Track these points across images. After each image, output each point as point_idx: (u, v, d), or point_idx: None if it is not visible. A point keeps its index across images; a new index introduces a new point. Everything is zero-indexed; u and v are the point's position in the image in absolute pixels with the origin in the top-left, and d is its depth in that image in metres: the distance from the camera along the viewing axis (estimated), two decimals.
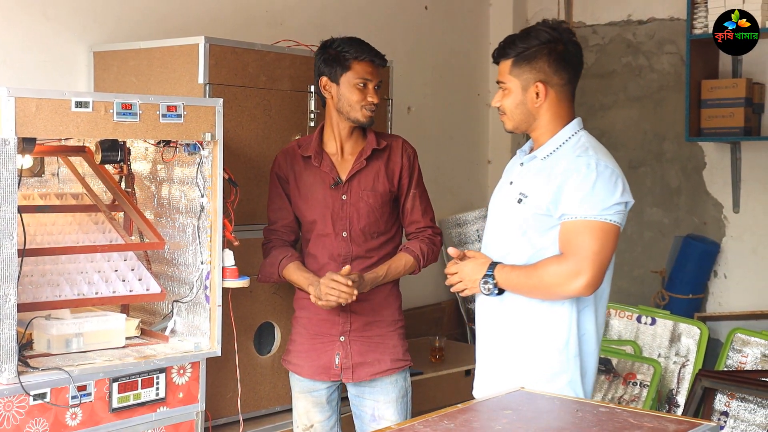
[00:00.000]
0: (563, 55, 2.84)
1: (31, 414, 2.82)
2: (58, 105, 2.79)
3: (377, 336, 3.44)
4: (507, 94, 2.88)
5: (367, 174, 3.40)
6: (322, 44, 3.43)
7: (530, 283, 2.78)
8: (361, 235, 3.39)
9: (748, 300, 5.30)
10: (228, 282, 3.23)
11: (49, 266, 3.16)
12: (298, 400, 3.51)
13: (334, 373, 3.42)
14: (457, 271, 2.92)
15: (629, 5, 5.66)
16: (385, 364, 3.43)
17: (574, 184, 2.74)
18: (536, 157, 2.88)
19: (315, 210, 3.40)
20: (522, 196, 2.83)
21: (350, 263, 3.35)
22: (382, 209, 3.42)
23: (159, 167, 3.40)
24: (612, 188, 2.74)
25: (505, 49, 2.89)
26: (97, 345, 3.09)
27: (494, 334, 2.93)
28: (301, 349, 3.47)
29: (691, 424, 2.41)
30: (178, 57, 3.56)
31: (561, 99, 2.87)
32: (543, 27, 2.86)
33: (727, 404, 4.79)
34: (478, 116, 6.01)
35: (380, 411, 3.44)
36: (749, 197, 5.30)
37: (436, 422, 2.39)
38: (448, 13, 5.73)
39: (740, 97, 4.98)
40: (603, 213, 2.72)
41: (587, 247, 2.71)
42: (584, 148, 2.81)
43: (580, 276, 2.70)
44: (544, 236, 2.80)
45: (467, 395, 4.57)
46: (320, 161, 3.38)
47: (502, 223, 2.92)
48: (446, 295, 5.70)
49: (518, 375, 2.85)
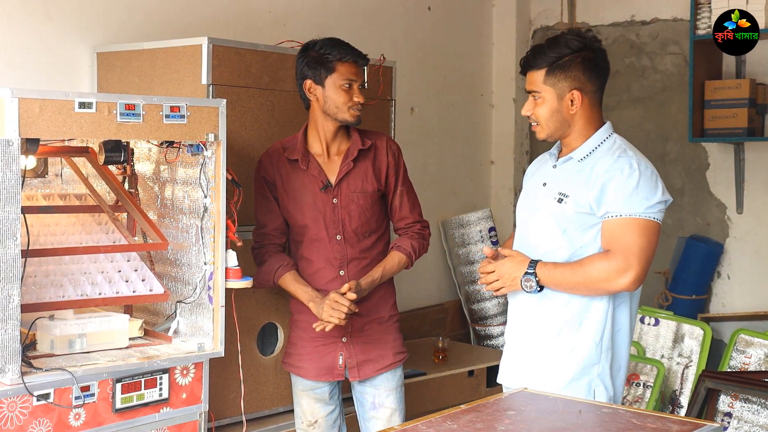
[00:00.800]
0: (595, 62, 2.93)
1: (35, 414, 2.82)
2: (61, 106, 2.79)
3: (377, 333, 3.51)
4: (540, 102, 2.94)
5: (355, 175, 3.43)
6: (303, 47, 3.44)
7: (575, 280, 2.84)
8: (354, 237, 3.44)
9: (751, 301, 5.29)
10: (231, 282, 3.23)
11: (53, 267, 3.16)
12: (301, 398, 3.54)
13: (338, 372, 3.48)
14: (494, 269, 2.97)
15: (632, 6, 5.66)
16: (388, 359, 3.52)
17: (617, 184, 2.83)
18: (572, 159, 2.95)
19: (306, 214, 3.42)
20: (562, 196, 2.90)
21: (346, 266, 3.42)
22: (372, 209, 3.47)
23: (162, 168, 3.40)
24: (654, 187, 2.85)
25: (536, 59, 2.93)
26: (100, 345, 3.09)
27: (530, 328, 3.00)
28: (303, 352, 3.50)
29: (694, 425, 2.41)
30: (181, 58, 3.56)
31: (593, 104, 2.96)
32: (571, 35, 2.93)
33: (731, 405, 4.79)
34: (481, 117, 6.01)
35: (380, 399, 3.53)
36: (753, 198, 5.29)
37: (439, 423, 2.39)
38: (452, 15, 5.73)
39: (744, 98, 4.98)
40: (647, 211, 2.81)
41: (634, 244, 2.80)
42: (622, 149, 2.92)
43: (628, 272, 2.79)
44: (585, 234, 2.89)
45: (470, 396, 4.59)
46: (307, 164, 3.41)
47: (540, 222, 2.97)
48: (449, 296, 5.70)
49: (552, 367, 2.94)
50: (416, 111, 5.47)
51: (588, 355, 2.91)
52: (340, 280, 3.42)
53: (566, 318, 2.92)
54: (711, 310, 5.41)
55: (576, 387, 2.90)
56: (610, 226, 2.84)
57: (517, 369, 3.04)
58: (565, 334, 2.93)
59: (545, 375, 2.94)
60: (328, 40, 3.38)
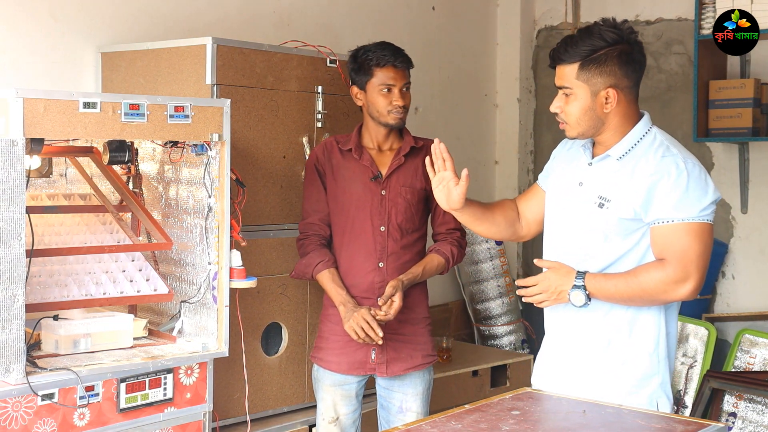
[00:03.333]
0: (632, 56, 2.71)
1: (39, 414, 2.82)
2: (66, 106, 2.79)
3: (409, 333, 3.53)
4: (572, 99, 2.72)
5: (405, 170, 3.50)
6: (351, 53, 3.52)
7: (630, 292, 2.67)
8: (398, 231, 3.48)
9: (756, 301, 5.29)
10: (235, 282, 3.24)
11: (57, 267, 3.16)
12: (327, 393, 3.54)
13: (370, 367, 3.49)
14: (536, 282, 2.78)
15: (637, 6, 5.65)
16: (417, 359, 3.52)
17: (666, 188, 2.64)
18: (610, 157, 2.75)
19: (354, 203, 3.47)
20: (603, 200, 2.72)
21: (386, 259, 3.45)
22: (418, 206, 3.51)
23: (166, 168, 3.40)
24: (704, 187, 2.67)
25: (568, 52, 2.70)
26: (104, 345, 3.10)
27: (577, 339, 2.83)
28: (335, 346, 3.50)
29: (699, 425, 2.40)
30: (185, 58, 3.56)
31: (630, 101, 2.76)
32: (606, 27, 2.71)
33: (735, 405, 4.78)
34: (486, 117, 6.01)
35: (408, 403, 3.53)
36: (757, 198, 5.28)
37: (444, 423, 2.39)
38: (456, 14, 5.73)
39: (748, 98, 4.97)
40: (701, 214, 2.66)
41: (692, 250, 2.64)
42: (665, 147, 2.72)
43: (687, 281, 2.64)
44: (627, 240, 2.71)
45: (475, 396, 4.58)
46: (360, 154, 3.47)
47: (579, 229, 2.79)
48: (453, 296, 5.70)
49: (608, 380, 2.77)
50: (420, 111, 5.47)
51: (645, 365, 2.74)
52: (378, 272, 3.45)
53: (614, 326, 2.75)
54: (715, 310, 5.41)
55: (635, 400, 2.72)
56: (662, 233, 2.65)
57: (567, 382, 2.83)
58: (615, 344, 2.75)
59: (599, 389, 2.75)
60: (372, 45, 3.46)
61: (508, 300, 5.57)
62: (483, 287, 5.55)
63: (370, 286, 3.46)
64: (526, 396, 2.69)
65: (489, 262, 5.55)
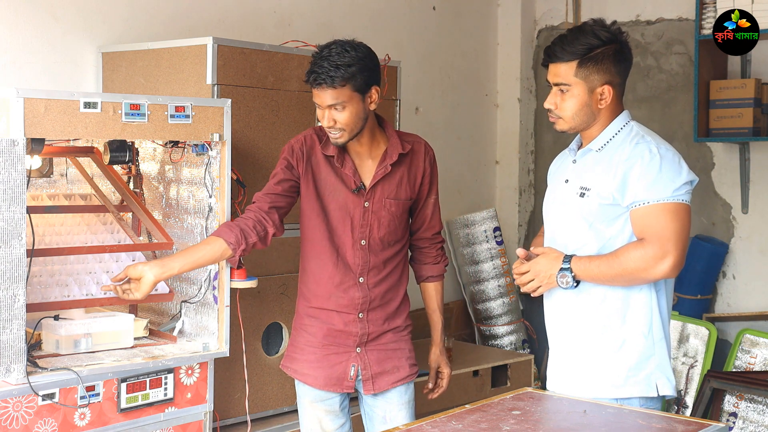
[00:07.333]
0: (623, 55, 2.86)
1: (40, 414, 2.83)
2: (66, 106, 2.80)
3: (392, 343, 3.31)
4: (569, 96, 2.84)
5: (390, 180, 3.20)
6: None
7: (613, 272, 2.76)
8: (380, 244, 3.22)
9: (756, 301, 5.29)
10: (236, 282, 3.24)
11: (58, 266, 3.16)
12: (308, 410, 3.29)
13: (347, 385, 3.24)
14: (529, 269, 2.89)
15: (637, 6, 5.65)
16: (404, 371, 3.31)
17: (639, 171, 2.75)
18: (591, 150, 2.89)
19: (331, 214, 3.19)
20: (584, 190, 2.84)
21: (366, 274, 3.20)
22: (402, 217, 3.26)
23: (167, 168, 3.40)
24: (677, 168, 2.77)
25: (565, 50, 2.82)
26: (105, 345, 3.10)
27: (573, 328, 2.90)
28: (311, 358, 3.25)
29: (699, 425, 2.41)
30: (186, 58, 3.57)
31: (618, 96, 2.89)
32: (598, 27, 2.84)
33: (736, 405, 4.78)
34: (486, 117, 6.01)
35: (392, 414, 3.31)
36: (758, 198, 5.28)
37: (444, 423, 2.39)
38: (456, 14, 5.73)
39: (749, 98, 4.97)
40: (675, 194, 2.74)
41: (668, 229, 2.73)
42: (640, 136, 2.84)
43: (666, 258, 2.73)
44: (611, 226, 2.81)
45: (475, 395, 4.58)
46: (342, 162, 3.16)
47: (566, 220, 2.90)
48: (454, 296, 5.70)
49: (603, 365, 2.84)
50: (421, 111, 5.47)
51: (640, 347, 2.80)
52: (359, 287, 3.20)
53: (608, 312, 2.82)
54: (716, 310, 5.40)
55: (634, 383, 2.79)
56: (639, 215, 2.76)
57: (566, 373, 2.91)
58: (610, 329, 2.82)
59: (597, 375, 2.83)
60: (315, 52, 3.14)
61: (508, 300, 5.57)
62: (483, 287, 5.55)
63: (351, 302, 3.20)
64: (526, 396, 2.69)
65: (489, 262, 5.55)
